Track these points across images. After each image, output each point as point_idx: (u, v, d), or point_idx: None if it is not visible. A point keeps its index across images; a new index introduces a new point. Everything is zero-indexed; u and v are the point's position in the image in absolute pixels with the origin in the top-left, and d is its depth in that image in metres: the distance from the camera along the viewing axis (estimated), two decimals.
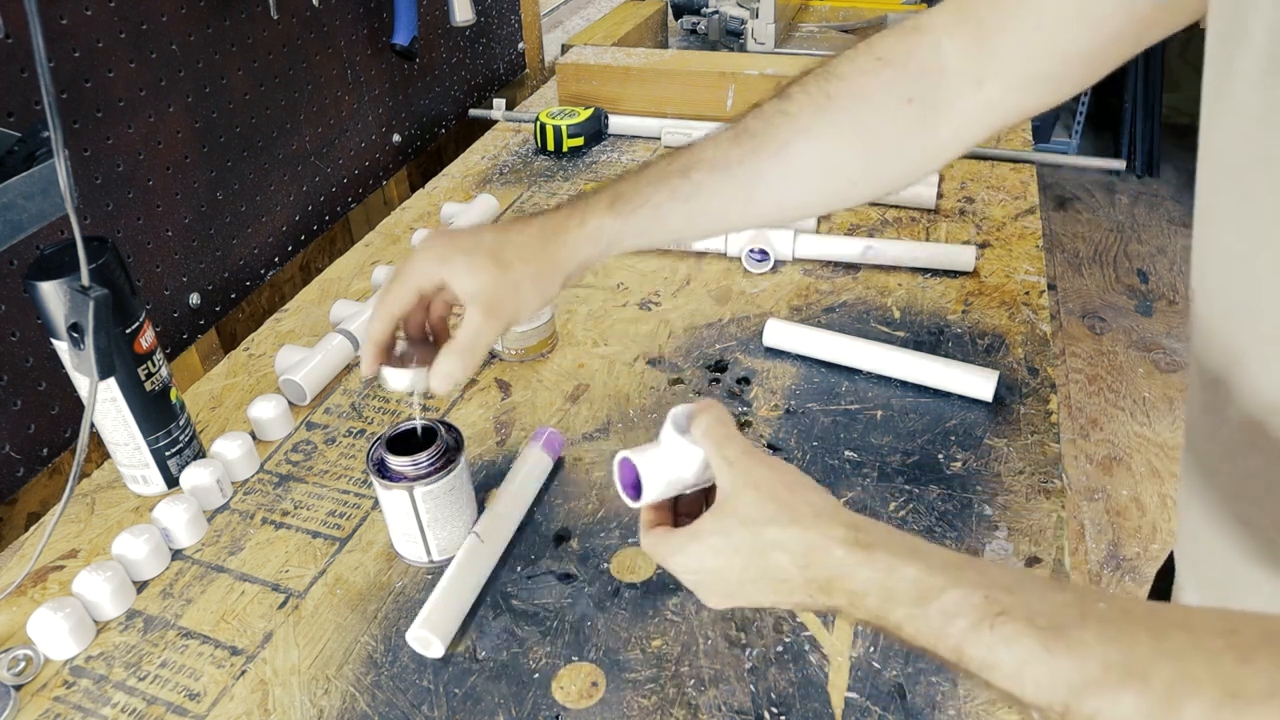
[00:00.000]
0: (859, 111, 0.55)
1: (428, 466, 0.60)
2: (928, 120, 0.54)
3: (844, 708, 0.53)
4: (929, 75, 0.54)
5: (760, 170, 0.55)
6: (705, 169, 0.56)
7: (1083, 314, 2.61)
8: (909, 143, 0.55)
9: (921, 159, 0.56)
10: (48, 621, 0.58)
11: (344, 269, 1.01)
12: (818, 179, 0.56)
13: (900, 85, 0.54)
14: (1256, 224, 0.40)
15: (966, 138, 0.55)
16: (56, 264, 0.59)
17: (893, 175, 0.57)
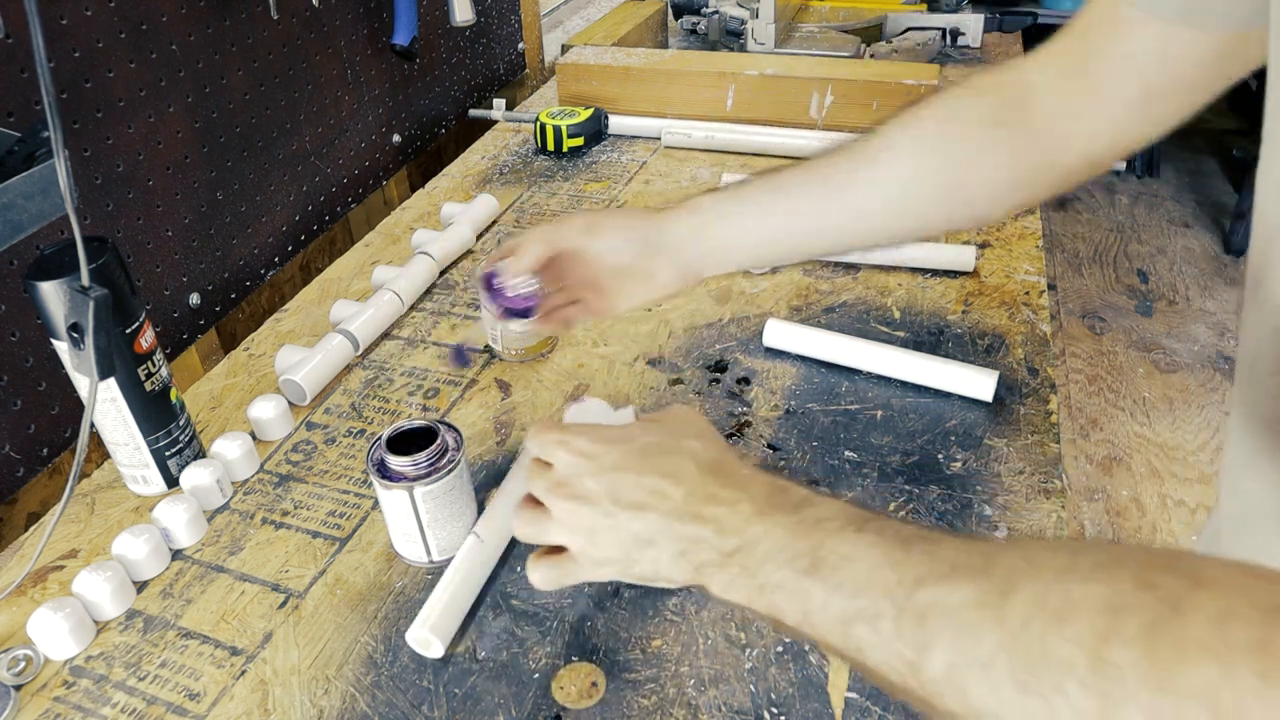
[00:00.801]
0: (946, 130, 0.57)
1: (428, 466, 0.60)
2: (1017, 148, 0.56)
3: (844, 708, 0.53)
4: (1017, 105, 0.56)
5: (853, 176, 0.57)
6: (799, 173, 0.59)
7: (1083, 314, 2.61)
8: (998, 167, 0.56)
9: (1011, 184, 0.57)
10: (48, 621, 0.58)
11: (344, 269, 1.01)
12: (908, 190, 0.57)
13: (989, 110, 0.56)
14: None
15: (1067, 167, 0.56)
16: (56, 264, 0.59)
17: (981, 198, 0.58)
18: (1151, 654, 0.27)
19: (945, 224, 0.60)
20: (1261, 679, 0.25)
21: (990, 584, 0.32)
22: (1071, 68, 0.54)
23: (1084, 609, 0.29)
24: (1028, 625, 0.30)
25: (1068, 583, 0.30)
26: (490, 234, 1.06)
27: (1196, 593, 0.27)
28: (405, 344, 0.88)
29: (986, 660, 0.30)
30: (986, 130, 0.56)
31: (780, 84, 1.23)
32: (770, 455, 0.72)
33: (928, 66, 1.23)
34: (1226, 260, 2.81)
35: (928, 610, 0.33)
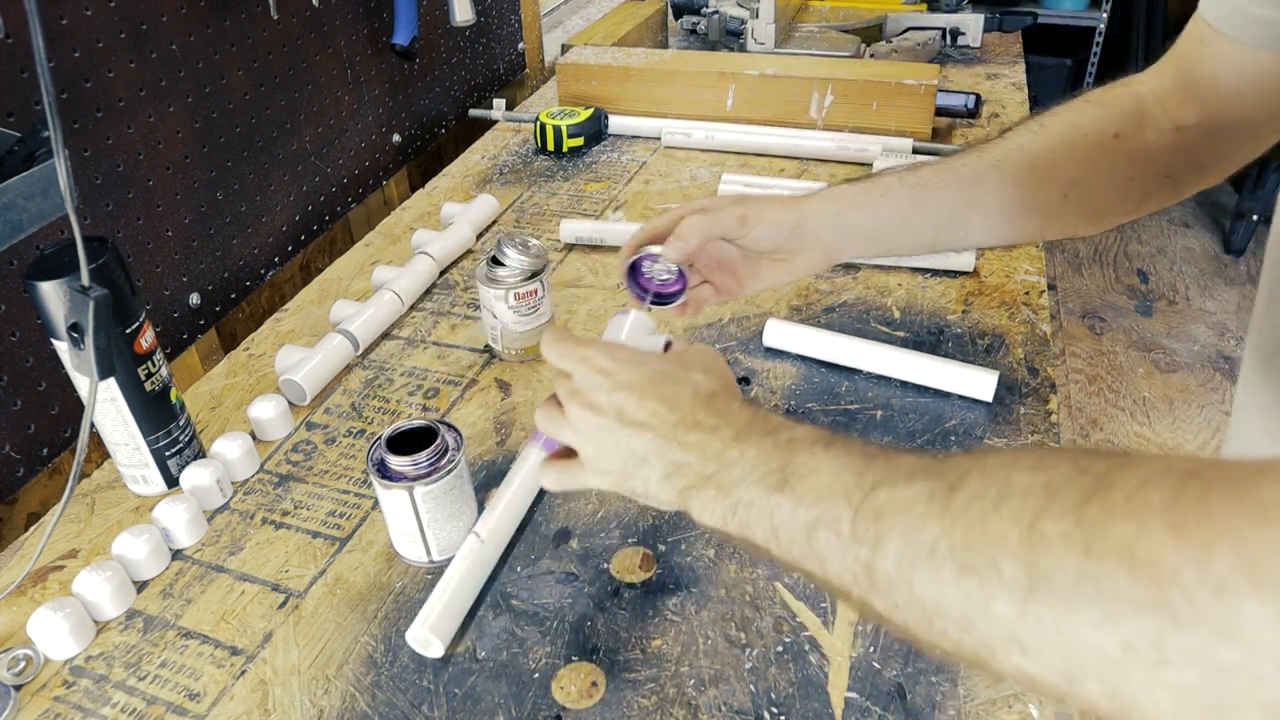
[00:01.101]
0: (1069, 135, 0.59)
1: (428, 466, 0.60)
2: (1134, 156, 0.58)
3: (844, 708, 0.53)
4: (1132, 117, 0.58)
5: (982, 175, 0.60)
6: (931, 169, 0.61)
7: (1083, 314, 2.61)
8: (1117, 171, 0.59)
9: (1132, 190, 0.60)
10: (48, 621, 0.58)
11: (344, 269, 1.01)
12: (1032, 188, 0.60)
13: (1106, 122, 0.59)
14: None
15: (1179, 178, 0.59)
16: (56, 264, 0.59)
17: (1105, 201, 0.60)
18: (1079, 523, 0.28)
19: (1065, 228, 0.62)
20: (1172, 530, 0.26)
21: (941, 481, 0.33)
22: (1171, 85, 0.58)
23: (1021, 492, 0.31)
24: (968, 509, 0.32)
25: (1009, 472, 0.32)
26: (490, 234, 1.06)
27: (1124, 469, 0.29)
28: (405, 344, 0.88)
29: (931, 546, 0.32)
30: (1107, 140, 0.58)
31: (780, 84, 1.23)
32: None
33: (928, 66, 1.23)
34: (1226, 260, 2.81)
35: (883, 509, 0.35)
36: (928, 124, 1.20)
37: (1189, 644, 0.26)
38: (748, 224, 0.60)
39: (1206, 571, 0.25)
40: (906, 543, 0.33)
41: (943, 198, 0.61)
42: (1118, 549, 0.27)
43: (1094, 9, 2.88)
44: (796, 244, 0.61)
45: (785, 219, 0.60)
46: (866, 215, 0.61)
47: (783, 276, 0.64)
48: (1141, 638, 0.27)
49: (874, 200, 0.61)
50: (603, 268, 0.98)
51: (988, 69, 1.49)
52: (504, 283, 0.80)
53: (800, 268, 0.63)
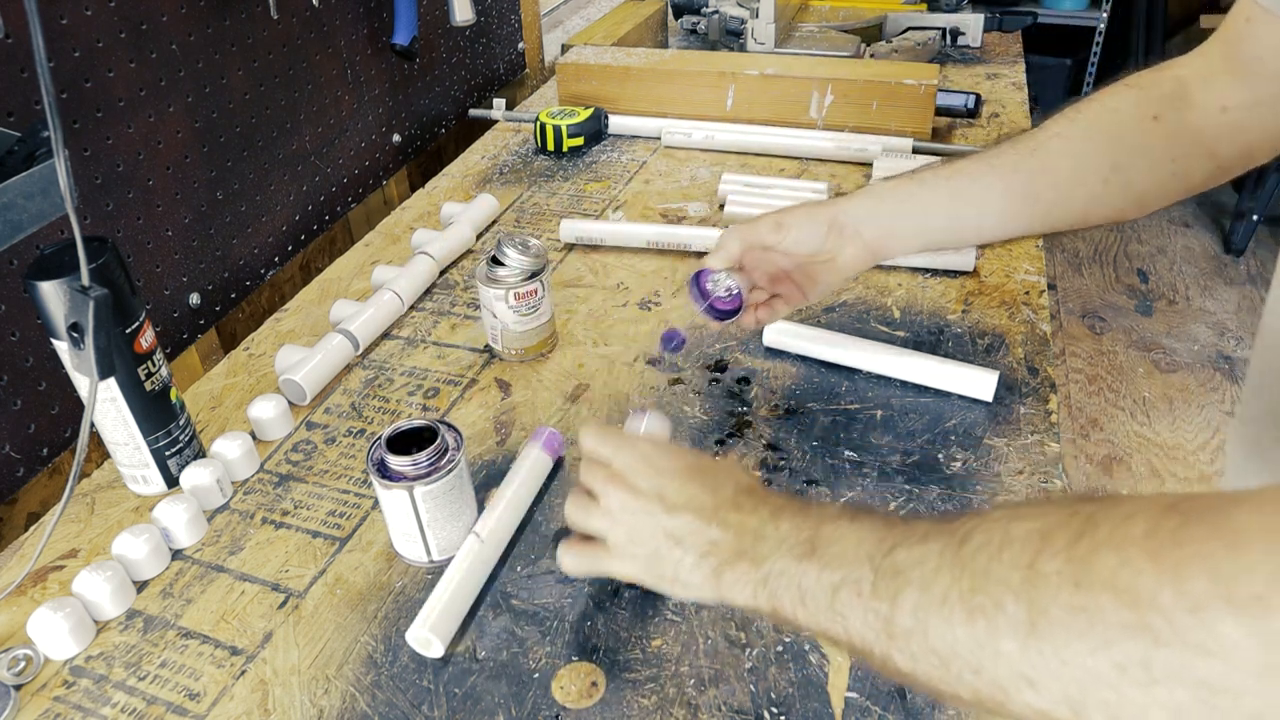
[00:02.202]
0: (1107, 122, 0.60)
1: (428, 466, 0.60)
2: (1175, 138, 0.59)
3: (844, 708, 0.53)
4: (1173, 100, 0.59)
5: (1018, 164, 0.61)
6: (967, 161, 0.63)
7: (1083, 314, 2.61)
8: (1158, 154, 0.60)
9: (1174, 172, 0.60)
10: (48, 621, 0.58)
11: (344, 269, 1.01)
12: (1071, 175, 0.61)
13: (1146, 105, 0.60)
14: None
15: (1223, 158, 0.59)
16: (56, 264, 0.59)
17: (1147, 184, 0.61)
18: (1070, 560, 0.31)
19: (1108, 212, 0.63)
20: (1150, 558, 0.29)
21: (951, 537, 0.36)
22: (1218, 65, 0.58)
23: (1020, 538, 0.33)
24: (975, 558, 0.34)
25: (1009, 522, 0.34)
26: (490, 233, 1.06)
27: (1111, 508, 0.31)
28: (405, 344, 0.88)
29: (943, 595, 0.34)
30: (1146, 123, 0.59)
31: (780, 84, 1.23)
32: (770, 455, 0.72)
33: (928, 66, 1.23)
34: (1226, 260, 2.81)
35: (900, 566, 0.37)
36: (928, 124, 1.20)
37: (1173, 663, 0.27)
38: (783, 228, 0.63)
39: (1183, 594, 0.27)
40: (922, 594, 0.35)
41: (981, 187, 0.62)
42: (1103, 580, 0.29)
43: (1094, 9, 2.89)
44: (836, 242, 0.64)
45: (819, 218, 0.63)
46: (905, 208, 0.63)
47: (834, 277, 0.67)
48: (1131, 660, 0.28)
49: (910, 192, 0.63)
50: (603, 268, 0.98)
51: (988, 69, 1.49)
52: (504, 283, 0.80)
53: (847, 266, 0.66)
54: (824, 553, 0.41)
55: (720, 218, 1.06)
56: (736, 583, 0.44)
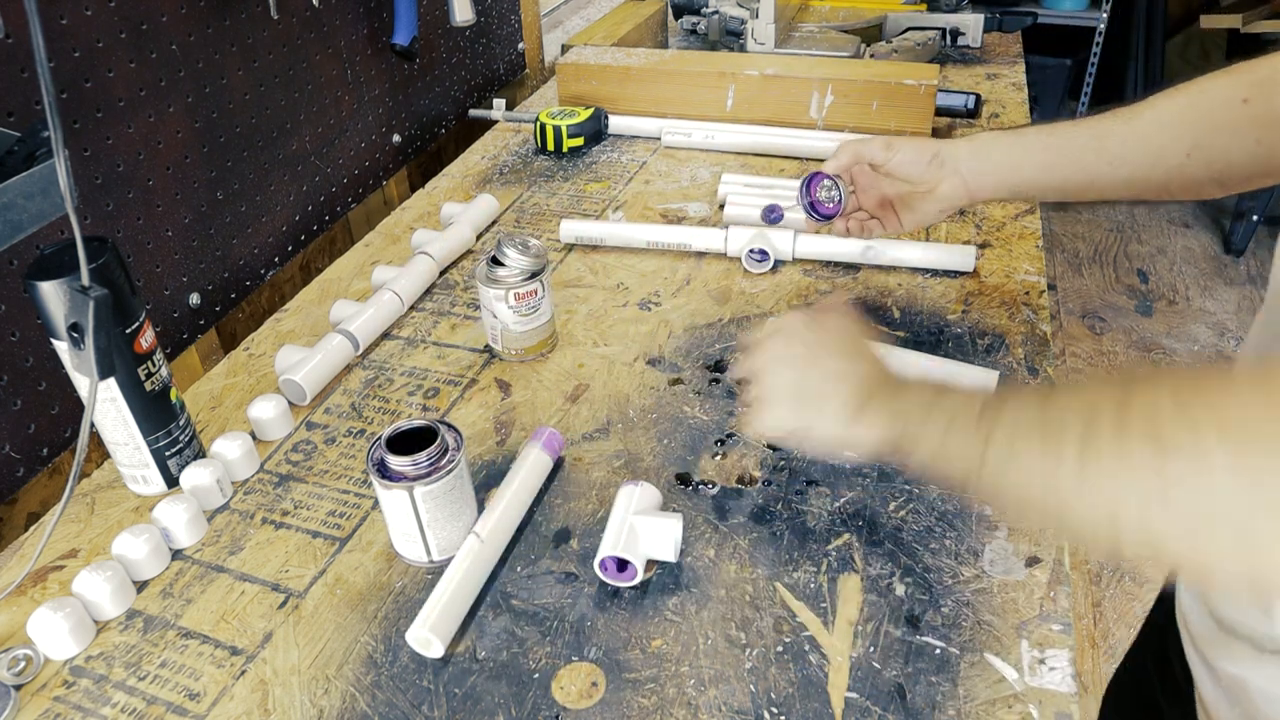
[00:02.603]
0: (1197, 100, 0.64)
1: (428, 466, 0.60)
2: (1262, 120, 0.62)
3: (844, 708, 0.53)
4: (1266, 84, 0.62)
5: (1112, 129, 0.67)
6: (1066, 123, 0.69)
7: (1083, 314, 2.61)
8: (1243, 134, 0.62)
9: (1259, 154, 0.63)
10: (48, 621, 0.58)
11: (344, 269, 1.01)
12: (1157, 145, 0.65)
13: (1238, 88, 0.63)
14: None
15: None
16: (56, 264, 0.59)
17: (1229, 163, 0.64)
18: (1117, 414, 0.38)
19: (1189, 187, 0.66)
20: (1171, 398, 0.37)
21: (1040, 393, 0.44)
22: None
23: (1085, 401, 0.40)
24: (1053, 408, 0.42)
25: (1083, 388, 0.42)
26: (490, 234, 1.06)
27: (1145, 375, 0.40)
28: (405, 344, 0.88)
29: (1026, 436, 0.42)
30: (1235, 105, 0.62)
31: (780, 84, 1.23)
32: (770, 455, 0.72)
33: (928, 66, 1.23)
34: (1226, 260, 2.81)
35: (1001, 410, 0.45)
36: (928, 124, 1.20)
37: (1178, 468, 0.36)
38: (892, 148, 0.71)
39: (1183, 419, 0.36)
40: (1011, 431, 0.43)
41: (1075, 147, 0.68)
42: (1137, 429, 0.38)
43: (1094, 9, 2.88)
44: (936, 173, 0.71)
45: (925, 148, 0.71)
46: (1002, 156, 0.69)
47: (932, 206, 0.74)
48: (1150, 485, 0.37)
49: (1009, 141, 0.69)
50: (603, 268, 0.98)
51: (988, 69, 1.49)
52: (504, 283, 0.80)
53: (944, 198, 0.72)
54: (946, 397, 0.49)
55: (720, 218, 1.06)
56: (876, 414, 0.51)
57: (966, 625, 0.57)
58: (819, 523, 0.65)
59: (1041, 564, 0.61)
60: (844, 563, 0.62)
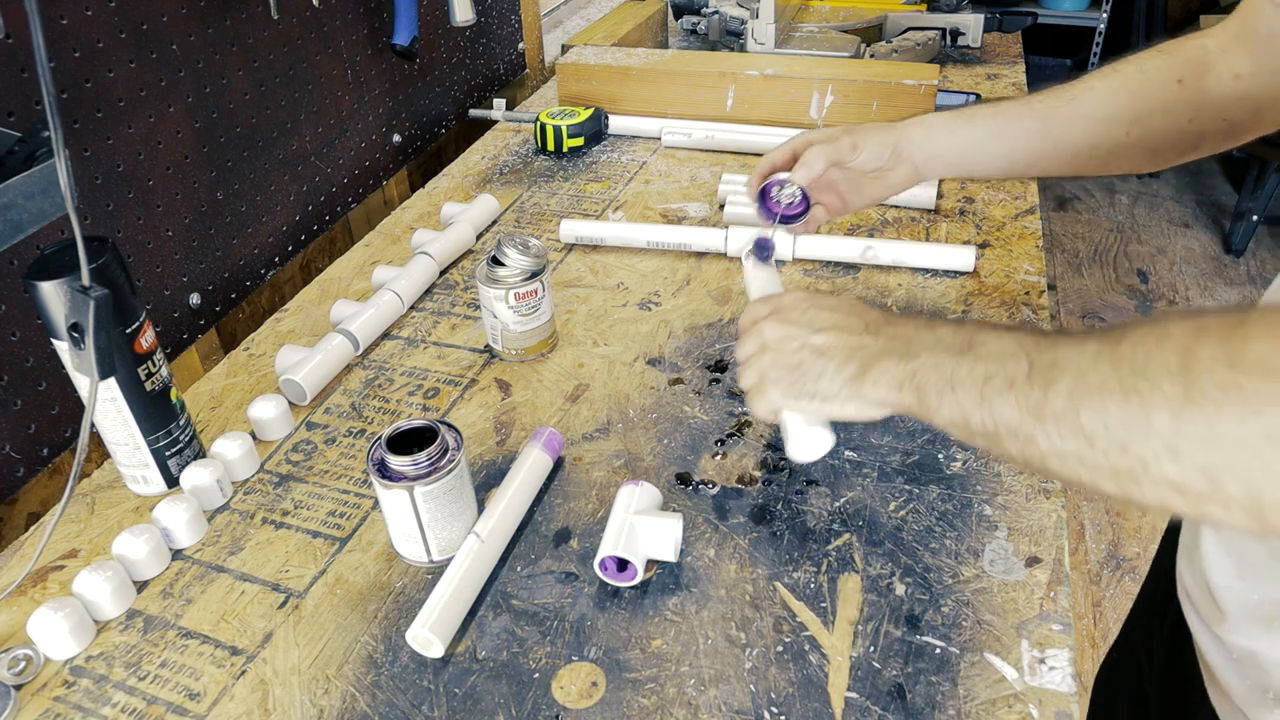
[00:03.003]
0: (1134, 80, 0.67)
1: (428, 466, 0.60)
2: (1194, 100, 0.65)
3: (844, 708, 0.53)
4: (1196, 65, 0.65)
5: (1055, 110, 0.69)
6: (1010, 103, 0.71)
7: (1083, 314, 2.61)
8: (1178, 113, 0.66)
9: (1190, 131, 0.66)
10: (48, 621, 0.58)
11: (344, 269, 1.01)
12: (1098, 125, 0.68)
13: (1171, 68, 0.66)
14: None
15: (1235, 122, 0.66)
16: (56, 264, 0.59)
17: (1165, 141, 0.67)
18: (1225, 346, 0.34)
19: (1128, 162, 0.69)
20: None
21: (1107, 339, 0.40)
22: (1233, 36, 0.64)
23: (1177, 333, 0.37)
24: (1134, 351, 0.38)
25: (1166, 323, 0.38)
26: (490, 234, 1.06)
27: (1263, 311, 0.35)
28: (405, 344, 0.88)
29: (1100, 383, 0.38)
30: (1170, 85, 0.65)
31: (780, 84, 1.23)
32: (770, 455, 0.72)
33: (928, 66, 1.23)
34: (1226, 260, 2.81)
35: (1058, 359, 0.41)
36: None
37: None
38: (858, 149, 0.71)
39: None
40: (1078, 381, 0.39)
41: (1019, 128, 0.69)
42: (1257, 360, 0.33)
43: (1094, 9, 2.89)
44: (893, 162, 0.72)
45: (886, 140, 0.71)
46: (949, 139, 0.71)
47: (882, 191, 0.75)
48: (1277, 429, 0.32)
49: (958, 127, 0.71)
50: (603, 268, 0.98)
51: (988, 69, 1.49)
52: (504, 283, 0.80)
53: (895, 183, 0.73)
54: (980, 349, 0.45)
55: (720, 218, 1.06)
56: (882, 376, 0.49)
57: (966, 625, 0.57)
58: (819, 523, 0.66)
59: (1041, 564, 0.61)
60: (844, 563, 0.62)
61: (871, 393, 0.50)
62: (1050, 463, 0.41)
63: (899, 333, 0.51)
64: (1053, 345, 0.43)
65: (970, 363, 0.45)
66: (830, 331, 0.53)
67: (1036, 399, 0.41)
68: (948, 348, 0.47)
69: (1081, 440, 0.39)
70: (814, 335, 0.53)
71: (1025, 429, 0.42)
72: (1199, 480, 0.35)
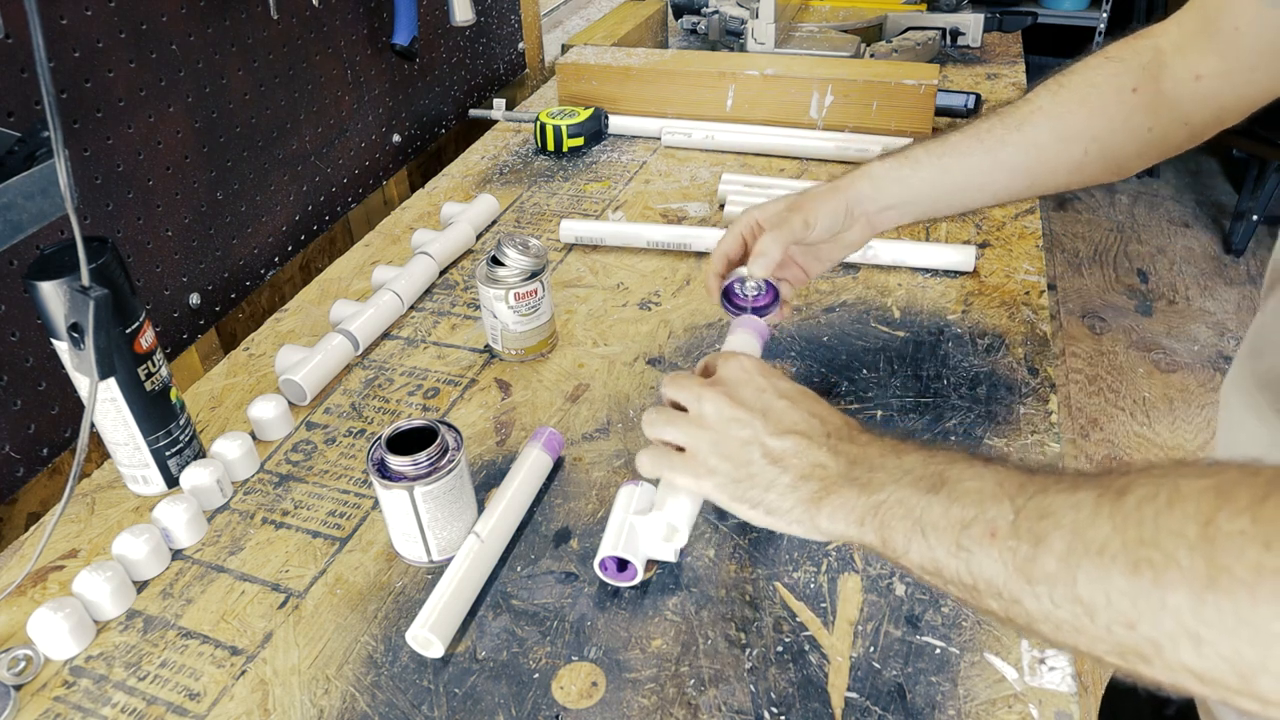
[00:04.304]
0: (1087, 95, 0.63)
1: (428, 466, 0.60)
2: (1152, 107, 0.62)
3: (844, 708, 0.53)
4: (1151, 69, 0.62)
5: (1004, 138, 0.65)
6: (957, 136, 0.67)
7: (1083, 314, 2.61)
8: (1136, 123, 0.63)
9: (1151, 140, 0.63)
10: (48, 621, 0.58)
11: (344, 269, 1.01)
12: (1053, 148, 0.64)
13: (1125, 77, 0.62)
14: None
15: (1196, 124, 0.62)
16: (56, 264, 0.59)
17: (1125, 152, 0.64)
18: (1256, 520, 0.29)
19: (1089, 179, 0.66)
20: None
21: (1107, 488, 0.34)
22: (1192, 33, 0.61)
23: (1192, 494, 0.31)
24: (1140, 509, 0.32)
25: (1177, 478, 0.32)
26: (490, 234, 1.06)
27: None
28: (405, 344, 0.88)
29: (1100, 544, 0.33)
30: (1125, 95, 0.62)
31: (780, 84, 1.23)
32: None
33: (928, 66, 1.23)
34: (1226, 260, 2.81)
35: (1049, 509, 0.35)
36: (928, 124, 1.20)
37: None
38: (810, 225, 0.66)
39: None
40: (1075, 539, 0.34)
41: (969, 164, 0.66)
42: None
43: (1094, 9, 2.89)
44: (846, 224, 0.68)
45: (837, 206, 0.67)
46: (899, 188, 0.67)
47: (838, 254, 0.71)
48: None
49: (905, 174, 0.67)
50: (603, 268, 0.98)
51: (988, 69, 1.49)
52: (504, 283, 0.80)
53: (852, 242, 0.70)
54: (955, 488, 0.40)
55: (720, 218, 1.06)
56: (840, 509, 0.44)
57: (966, 625, 0.57)
58: None
59: None
60: (844, 562, 0.62)
61: (827, 524, 0.44)
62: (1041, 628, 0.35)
63: (862, 455, 0.45)
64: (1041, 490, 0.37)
65: (944, 503, 0.39)
66: (790, 437, 0.47)
67: (1025, 555, 0.35)
68: (917, 481, 0.41)
69: (1079, 609, 0.33)
70: (771, 437, 0.47)
71: (1011, 589, 0.36)
72: (1226, 673, 0.30)
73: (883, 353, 0.82)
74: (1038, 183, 0.66)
